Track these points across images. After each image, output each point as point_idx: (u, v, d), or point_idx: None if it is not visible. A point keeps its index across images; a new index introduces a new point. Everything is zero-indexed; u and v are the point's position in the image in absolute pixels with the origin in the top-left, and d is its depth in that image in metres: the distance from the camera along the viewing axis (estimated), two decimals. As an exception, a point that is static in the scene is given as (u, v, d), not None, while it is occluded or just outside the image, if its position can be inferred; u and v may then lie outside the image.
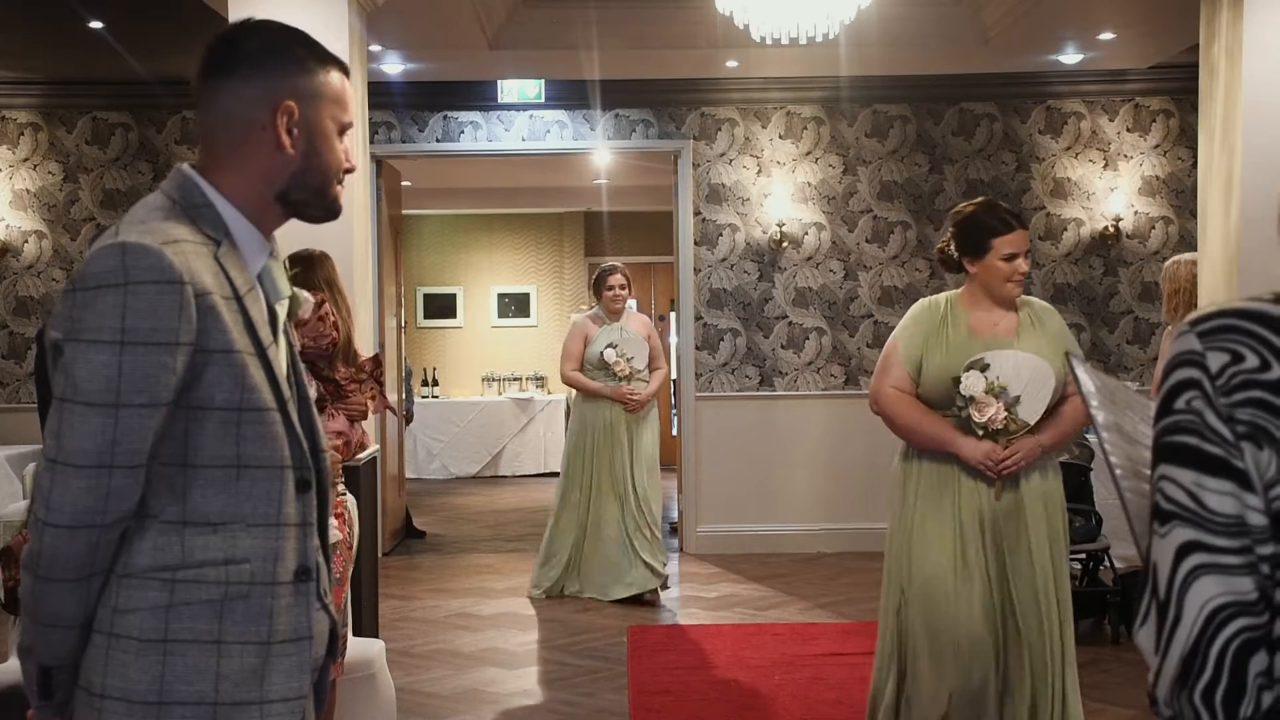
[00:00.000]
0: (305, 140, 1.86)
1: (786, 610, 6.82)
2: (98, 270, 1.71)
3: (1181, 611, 1.27)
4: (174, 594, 1.75)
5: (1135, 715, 4.95)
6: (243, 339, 1.78)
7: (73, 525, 1.70)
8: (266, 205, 1.88)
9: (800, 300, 8.58)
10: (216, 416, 1.77)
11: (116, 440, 1.69)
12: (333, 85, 1.89)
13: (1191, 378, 1.30)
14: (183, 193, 1.84)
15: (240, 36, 1.88)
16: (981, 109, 8.61)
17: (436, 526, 9.64)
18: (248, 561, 1.78)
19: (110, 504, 1.71)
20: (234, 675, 1.77)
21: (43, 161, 8.54)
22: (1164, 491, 1.31)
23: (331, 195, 1.92)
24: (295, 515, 1.84)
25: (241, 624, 1.77)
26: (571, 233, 13.87)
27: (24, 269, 8.53)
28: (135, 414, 1.70)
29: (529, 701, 5.27)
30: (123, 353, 1.69)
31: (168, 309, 1.70)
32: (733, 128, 8.58)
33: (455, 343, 13.74)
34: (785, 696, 5.22)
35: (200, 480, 1.77)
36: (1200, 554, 1.27)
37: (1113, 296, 8.61)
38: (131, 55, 7.58)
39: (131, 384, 1.69)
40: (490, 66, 7.87)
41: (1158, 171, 8.60)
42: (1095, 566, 6.24)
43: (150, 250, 1.71)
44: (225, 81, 1.86)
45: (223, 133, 1.87)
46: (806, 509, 8.49)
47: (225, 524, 1.78)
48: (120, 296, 1.69)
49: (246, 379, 1.78)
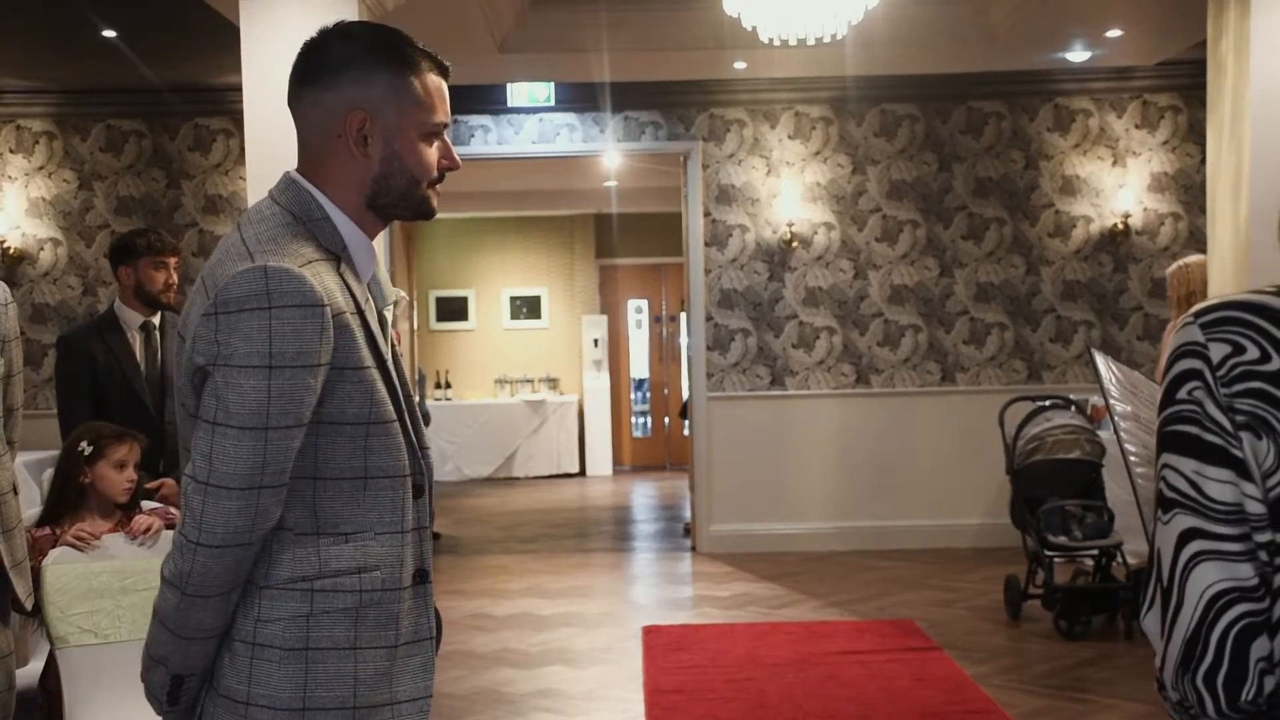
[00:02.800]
0: (384, 146, 1.87)
1: (799, 609, 6.84)
2: (240, 294, 1.72)
3: (1183, 597, 1.30)
4: (314, 603, 1.79)
5: (1149, 710, 4.96)
6: (369, 354, 1.82)
7: (224, 545, 1.74)
8: (363, 212, 1.90)
9: (811, 300, 8.60)
10: (347, 431, 1.80)
11: (266, 462, 1.73)
12: (415, 89, 1.87)
13: (1193, 368, 1.33)
14: (301, 206, 1.86)
15: (323, 44, 1.89)
16: (989, 107, 8.62)
17: (451, 528, 9.67)
18: (378, 569, 1.83)
19: (258, 522, 1.75)
20: (369, 679, 1.82)
21: (57, 170, 8.60)
22: (1166, 480, 1.34)
23: (419, 197, 1.92)
24: (414, 520, 1.89)
25: (373, 629, 1.82)
26: (582, 235, 13.90)
27: (40, 276, 8.59)
28: (283, 435, 1.73)
29: (544, 701, 5.30)
30: (271, 377, 1.72)
31: (311, 332, 1.73)
32: (741, 128, 8.61)
33: (467, 345, 13.78)
34: (799, 695, 5.25)
35: (329, 492, 1.81)
36: (1201, 541, 1.30)
37: (1122, 293, 8.61)
38: (144, 63, 7.64)
39: (280, 407, 1.72)
40: (499, 70, 7.90)
41: (1166, 168, 8.60)
42: (1108, 562, 6.25)
43: (293, 275, 1.73)
44: (309, 90, 1.88)
45: (314, 141, 1.90)
46: (819, 507, 8.51)
47: (356, 533, 1.82)
48: (265, 320, 1.71)
49: (375, 394, 1.81)
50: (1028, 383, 8.52)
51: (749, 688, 5.35)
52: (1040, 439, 6.30)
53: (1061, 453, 6.27)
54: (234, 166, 8.50)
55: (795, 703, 5.14)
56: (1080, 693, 5.25)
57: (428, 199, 1.94)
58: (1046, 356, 8.61)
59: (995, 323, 8.61)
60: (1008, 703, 5.07)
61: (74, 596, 3.39)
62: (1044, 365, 8.61)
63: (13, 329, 2.92)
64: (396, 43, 1.90)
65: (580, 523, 10.14)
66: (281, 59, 6.12)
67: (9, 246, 8.51)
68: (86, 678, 3.39)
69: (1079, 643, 5.99)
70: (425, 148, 1.90)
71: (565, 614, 6.80)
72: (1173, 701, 1.34)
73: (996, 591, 6.83)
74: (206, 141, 8.57)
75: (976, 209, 8.62)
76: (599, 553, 8.63)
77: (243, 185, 8.29)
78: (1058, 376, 8.58)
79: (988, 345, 8.62)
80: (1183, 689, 1.31)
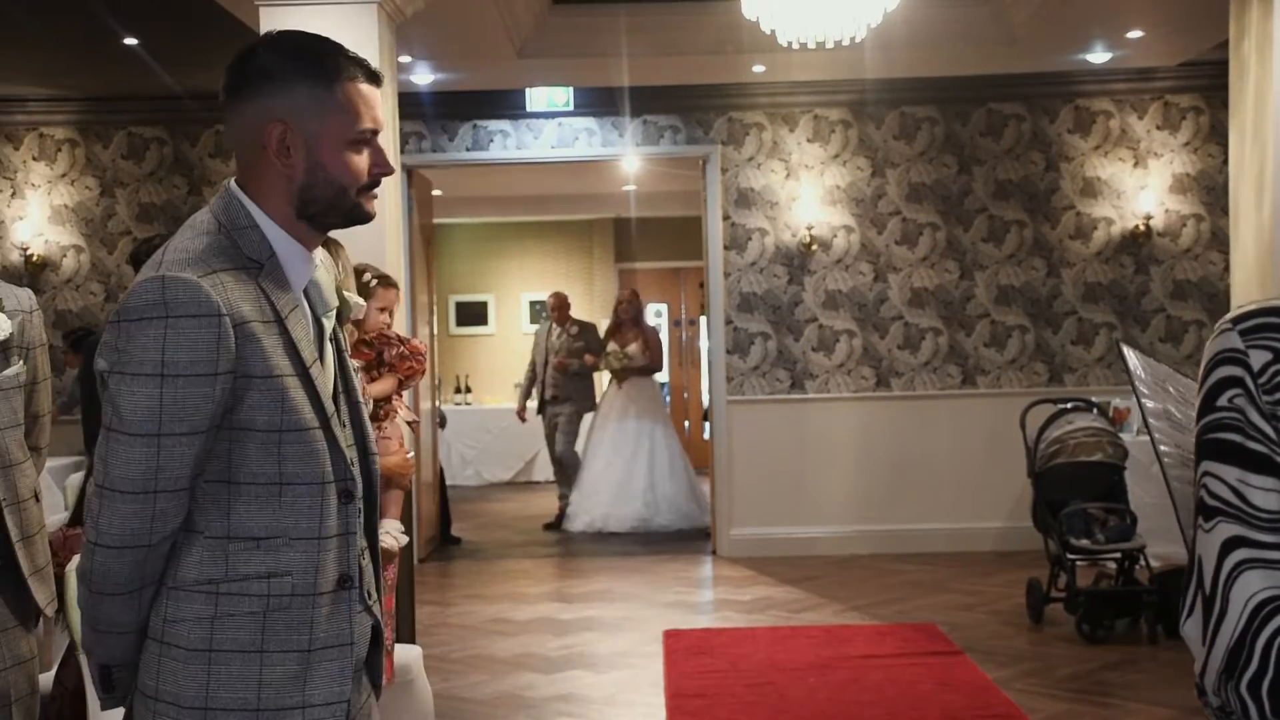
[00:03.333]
0: (306, 155, 1.87)
1: (820, 613, 6.83)
2: (139, 304, 1.76)
3: (1227, 605, 1.29)
4: (218, 606, 1.81)
5: (1172, 715, 4.93)
6: (283, 362, 1.82)
7: (120, 546, 1.78)
8: (295, 222, 1.90)
9: (830, 303, 8.58)
10: (258, 438, 1.82)
11: (160, 467, 1.76)
12: (337, 96, 1.87)
13: (1234, 375, 1.31)
14: (229, 215, 1.89)
15: (245, 57, 1.90)
16: (1009, 109, 8.59)
17: (471, 533, 9.69)
18: (290, 574, 1.84)
19: (156, 525, 1.78)
20: (276, 682, 1.83)
21: (80, 177, 8.66)
22: (1208, 488, 1.32)
23: (348, 204, 1.91)
24: (337, 526, 1.88)
25: (283, 633, 1.83)
26: (601, 239, 13.91)
27: (62, 283, 8.65)
28: (177, 442, 1.76)
29: (565, 705, 5.30)
30: (164, 385, 1.74)
31: (206, 341, 1.75)
32: (760, 132, 8.60)
33: (487, 350, 13.80)
34: (820, 699, 5.23)
35: (244, 497, 1.82)
36: (1245, 549, 1.29)
37: (1144, 295, 8.57)
38: (165, 71, 7.68)
39: (173, 414, 1.75)
40: (519, 75, 7.92)
41: (1188, 169, 8.55)
42: (1131, 566, 6.21)
43: (189, 284, 1.76)
44: (233, 102, 1.90)
45: (241, 153, 1.92)
46: (839, 511, 8.49)
47: (269, 538, 1.83)
48: (160, 329, 1.74)
49: (286, 401, 1.82)
50: (1049, 385, 8.49)
51: (770, 692, 5.34)
52: (1062, 442, 6.27)
53: (1083, 455, 6.24)
54: (255, 173, 8.53)
55: (817, 707, 5.13)
56: (1103, 697, 5.23)
57: (359, 205, 1.92)
58: (1068, 359, 8.57)
59: (1016, 325, 8.58)
60: (1030, 707, 5.05)
61: (97, 602, 3.40)
62: (1065, 368, 8.57)
63: (38, 336, 2.94)
64: (320, 51, 1.90)
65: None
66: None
67: (32, 253, 8.57)
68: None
69: (1102, 646, 5.96)
70: (352, 155, 1.89)
71: (586, 618, 6.80)
72: (1214, 707, 1.33)
73: (1018, 595, 6.80)
74: (227, 148, 8.62)
75: (997, 211, 8.59)
76: (619, 556, 8.62)
77: (263, 191, 8.32)
78: (1079, 379, 8.54)
79: (1009, 348, 8.58)
80: (1225, 696, 1.30)
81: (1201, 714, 1.38)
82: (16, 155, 8.65)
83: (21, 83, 8.20)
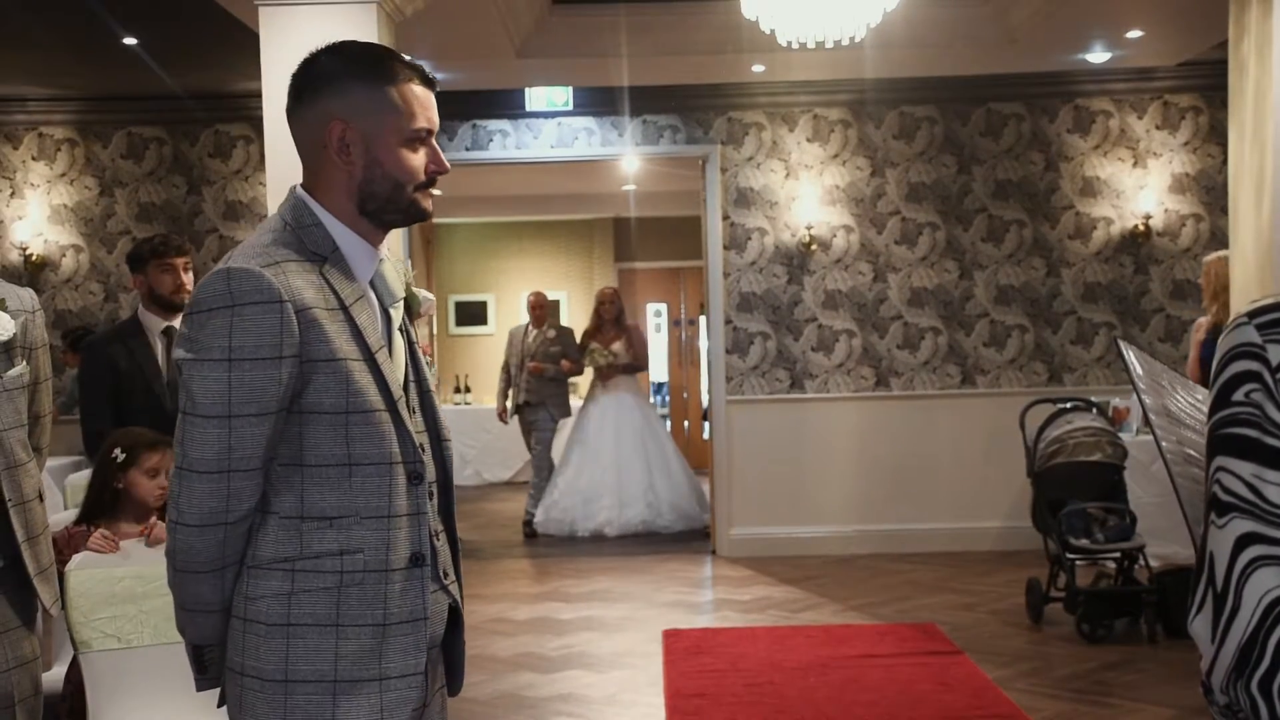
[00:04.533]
0: (365, 153, 1.98)
1: (820, 612, 6.82)
2: (207, 296, 1.89)
3: (1240, 602, 1.28)
4: (295, 582, 1.92)
5: (1172, 714, 4.93)
6: (348, 347, 1.93)
7: (200, 524, 1.89)
8: (357, 218, 2.01)
9: (830, 303, 8.58)
10: (327, 420, 1.92)
11: (232, 447, 1.87)
12: (393, 97, 1.98)
13: (1251, 370, 1.29)
14: (295, 214, 2.01)
15: (307, 64, 2.03)
16: (1009, 109, 8.59)
17: (470, 533, 9.68)
18: (361, 551, 1.93)
19: (231, 503, 1.89)
20: (352, 655, 1.92)
21: (79, 176, 8.65)
22: (1222, 483, 1.30)
23: (406, 200, 2.02)
24: (408, 506, 1.98)
25: (357, 608, 1.93)
26: (601, 239, 13.90)
27: (62, 283, 8.65)
28: (247, 423, 1.87)
29: (565, 705, 5.30)
30: (231, 369, 1.86)
31: (270, 326, 1.86)
32: (760, 132, 8.60)
33: (487, 350, 13.78)
34: (820, 699, 5.23)
35: (315, 478, 1.93)
36: (1260, 545, 1.27)
37: (1144, 295, 8.57)
38: (165, 71, 7.68)
39: (242, 397, 1.87)
40: (518, 75, 7.91)
41: (1188, 169, 8.55)
42: (1131, 565, 6.21)
43: (251, 274, 1.87)
44: (297, 107, 2.03)
45: (306, 155, 2.04)
46: (839, 511, 8.49)
47: (340, 517, 1.93)
48: (227, 318, 1.86)
49: (352, 384, 1.92)
50: (1048, 385, 8.49)
51: (770, 691, 5.34)
52: (1061, 441, 6.27)
53: (1083, 455, 6.24)
54: (254, 172, 8.54)
55: (816, 707, 5.12)
56: (1103, 696, 5.23)
57: (416, 202, 2.04)
58: (1067, 359, 8.57)
59: (1016, 325, 8.58)
60: (1030, 707, 5.05)
61: (96, 601, 3.40)
62: (1065, 367, 8.57)
63: (39, 336, 2.94)
64: (377, 56, 2.02)
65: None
66: (301, 66, 5.98)
67: (31, 253, 8.56)
68: (110, 682, 3.41)
69: (1101, 646, 5.96)
70: (408, 153, 2.01)
71: (585, 618, 6.79)
72: (1220, 705, 1.32)
73: (1018, 595, 6.80)
74: (227, 148, 8.61)
75: (996, 211, 8.59)
76: (619, 556, 8.62)
77: (263, 191, 8.33)
78: (1079, 379, 8.54)
79: (1008, 348, 8.58)
80: (1234, 694, 1.29)
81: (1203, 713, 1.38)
82: (16, 155, 8.65)
83: (21, 82, 8.19)
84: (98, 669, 3.41)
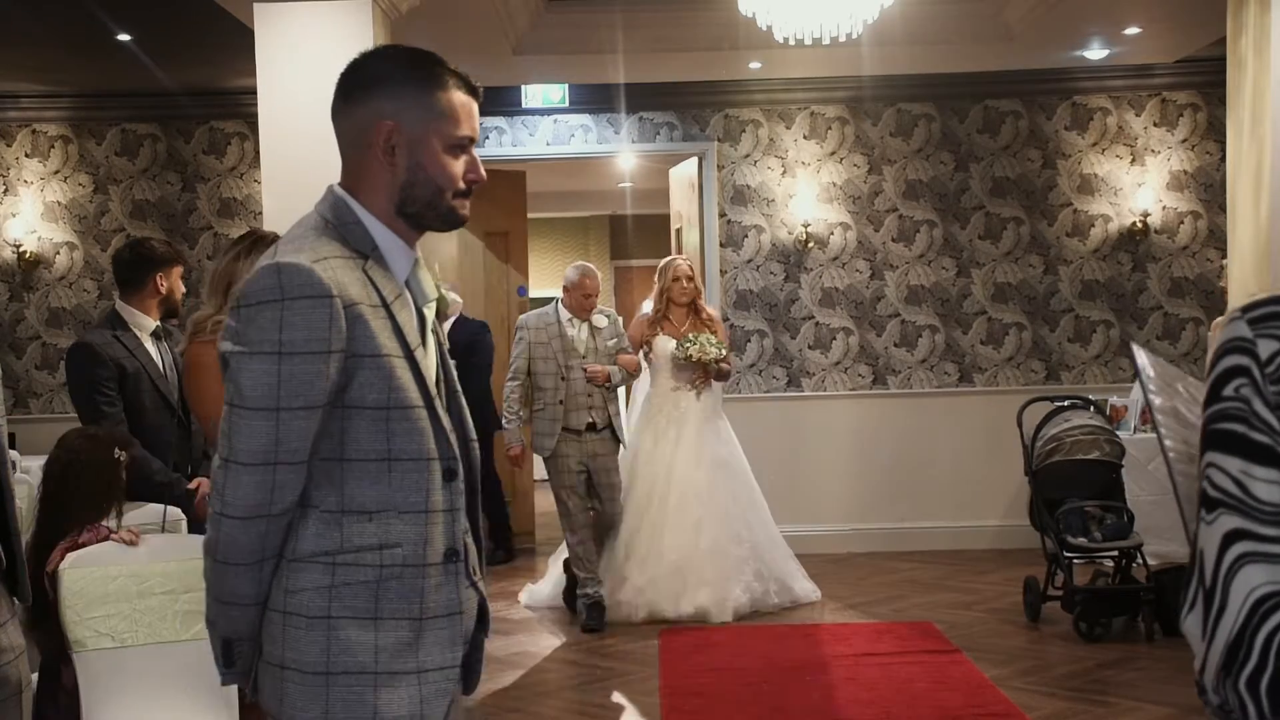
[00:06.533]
0: (409, 155, 2.01)
1: (817, 611, 6.81)
2: (256, 289, 1.89)
3: (1227, 599, 1.27)
4: (335, 575, 1.93)
5: (1170, 713, 4.92)
6: (391, 343, 1.95)
7: (245, 516, 1.91)
8: (395, 219, 2.04)
9: (827, 300, 8.56)
10: (368, 415, 1.94)
11: (279, 440, 1.89)
12: (441, 103, 2.01)
13: (1241, 365, 1.29)
14: (335, 212, 2.02)
15: (358, 65, 2.05)
16: (1006, 106, 8.58)
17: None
18: (399, 546, 1.95)
19: (276, 496, 1.91)
20: (390, 647, 1.94)
21: (73, 174, 8.62)
22: (1211, 479, 1.30)
23: (445, 206, 2.04)
24: (442, 502, 2.00)
25: (396, 601, 1.95)
26: (597, 236, 13.89)
27: (55, 280, 8.62)
28: (294, 416, 1.89)
29: (562, 705, 5.29)
30: (281, 362, 1.87)
31: (320, 321, 1.88)
32: (757, 129, 8.58)
33: (483, 348, 13.76)
34: (817, 698, 5.22)
35: (355, 473, 1.94)
36: (1246, 542, 1.27)
37: (1141, 292, 8.56)
38: (159, 67, 7.65)
39: (290, 390, 1.88)
40: (514, 72, 7.89)
41: (1186, 166, 8.54)
42: (1128, 564, 6.20)
43: (302, 269, 1.89)
44: (344, 106, 2.05)
45: (350, 152, 2.06)
46: (836, 509, 8.47)
47: (379, 512, 1.95)
48: (277, 311, 1.87)
49: (394, 380, 1.95)
50: (1046, 383, 8.48)
51: (767, 691, 5.32)
52: (1059, 439, 6.26)
53: (1080, 453, 6.23)
54: (249, 170, 8.51)
55: (813, 705, 5.11)
56: (1101, 695, 5.22)
57: (454, 208, 2.06)
58: (1065, 357, 8.56)
59: (1013, 323, 8.57)
60: (1028, 705, 5.03)
61: (90, 600, 3.38)
62: (1062, 365, 8.56)
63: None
64: (427, 61, 2.05)
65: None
66: (295, 62, 6.14)
67: (25, 250, 8.53)
68: (104, 681, 3.38)
69: (1099, 645, 5.95)
70: (450, 159, 2.03)
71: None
72: (1214, 705, 1.31)
73: (1015, 593, 6.78)
74: (221, 145, 8.58)
75: (994, 208, 8.57)
76: (615, 555, 8.59)
77: (257, 188, 8.30)
78: (1076, 377, 8.53)
79: (1005, 345, 8.57)
80: (1224, 693, 1.28)
81: (1200, 712, 1.37)
82: (9, 152, 8.61)
83: (14, 79, 8.16)
84: (92, 668, 3.38)
